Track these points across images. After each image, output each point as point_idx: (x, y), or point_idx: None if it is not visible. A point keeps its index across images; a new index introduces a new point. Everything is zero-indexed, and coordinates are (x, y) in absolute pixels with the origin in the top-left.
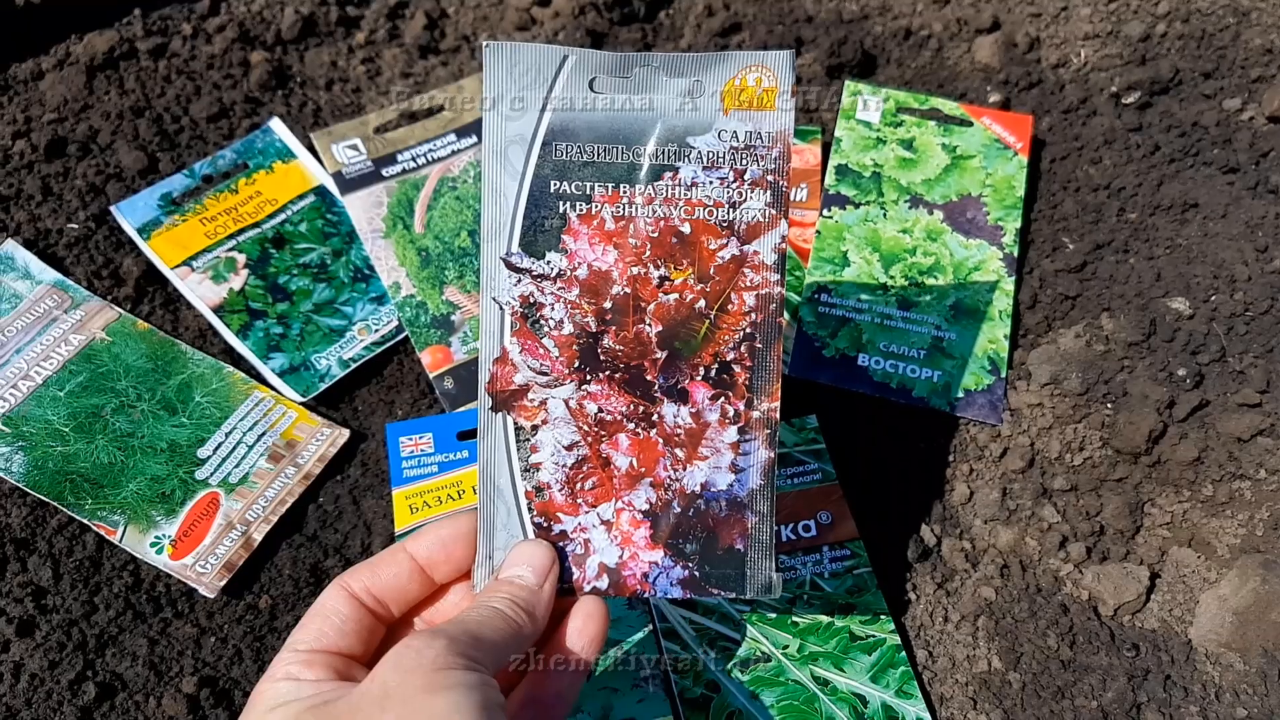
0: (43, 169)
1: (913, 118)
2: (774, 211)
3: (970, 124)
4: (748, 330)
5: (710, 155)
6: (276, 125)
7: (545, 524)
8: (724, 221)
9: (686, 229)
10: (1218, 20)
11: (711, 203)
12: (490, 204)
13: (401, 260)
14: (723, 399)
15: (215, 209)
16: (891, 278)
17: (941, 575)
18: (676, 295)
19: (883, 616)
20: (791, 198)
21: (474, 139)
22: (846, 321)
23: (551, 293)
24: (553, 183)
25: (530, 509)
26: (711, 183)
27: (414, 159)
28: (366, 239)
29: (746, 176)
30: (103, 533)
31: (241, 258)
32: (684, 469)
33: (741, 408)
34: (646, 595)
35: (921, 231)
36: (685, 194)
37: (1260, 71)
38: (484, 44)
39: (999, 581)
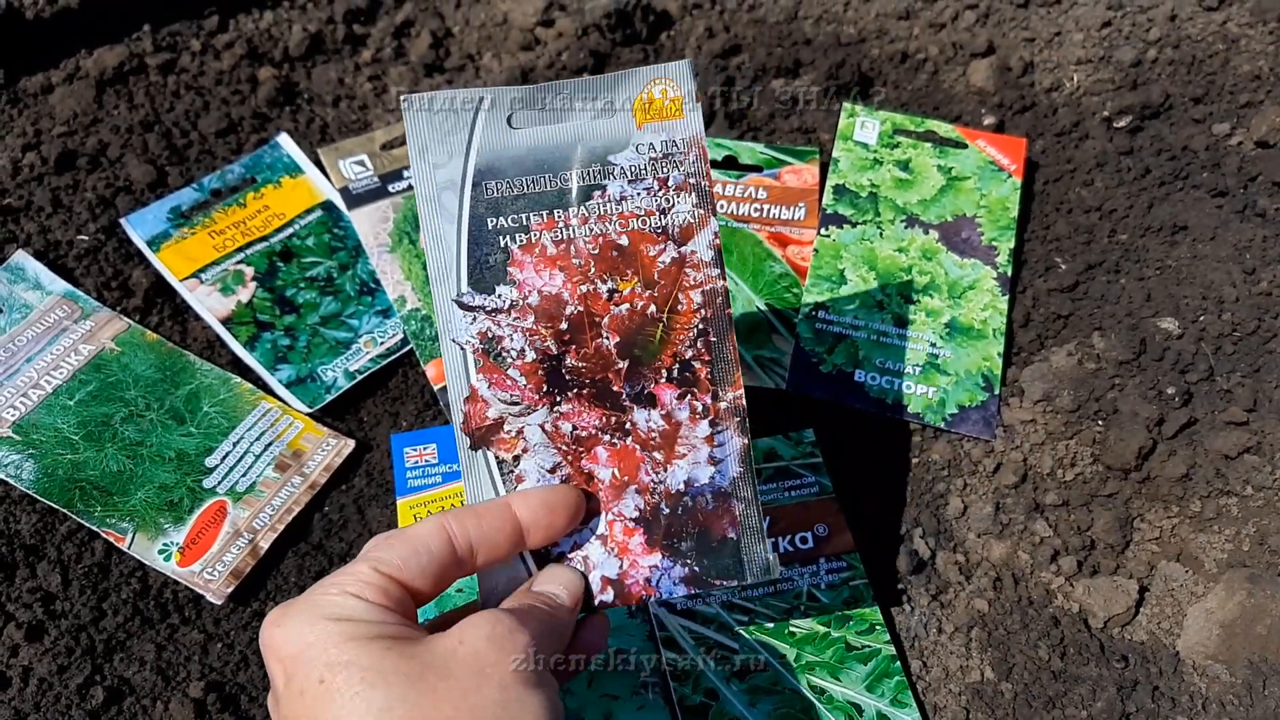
0: (53, 181)
1: (909, 139)
2: (702, 211)
3: (965, 146)
4: (700, 327)
5: (633, 169)
6: (284, 141)
7: (544, 550)
8: (658, 228)
9: (625, 241)
10: (1208, 47)
11: (643, 212)
12: (433, 250)
13: (407, 274)
14: (689, 396)
15: (224, 222)
16: (888, 296)
17: (936, 587)
18: (628, 305)
19: (878, 627)
20: (790, 216)
21: None
22: (843, 338)
23: (508, 324)
24: (489, 220)
25: None
26: (639, 194)
27: None
28: (372, 253)
29: (670, 183)
30: (111, 540)
31: (250, 270)
32: (665, 470)
33: (709, 401)
34: (652, 599)
35: (917, 251)
36: (617, 208)
37: (1249, 97)
38: (402, 98)
39: (992, 594)
